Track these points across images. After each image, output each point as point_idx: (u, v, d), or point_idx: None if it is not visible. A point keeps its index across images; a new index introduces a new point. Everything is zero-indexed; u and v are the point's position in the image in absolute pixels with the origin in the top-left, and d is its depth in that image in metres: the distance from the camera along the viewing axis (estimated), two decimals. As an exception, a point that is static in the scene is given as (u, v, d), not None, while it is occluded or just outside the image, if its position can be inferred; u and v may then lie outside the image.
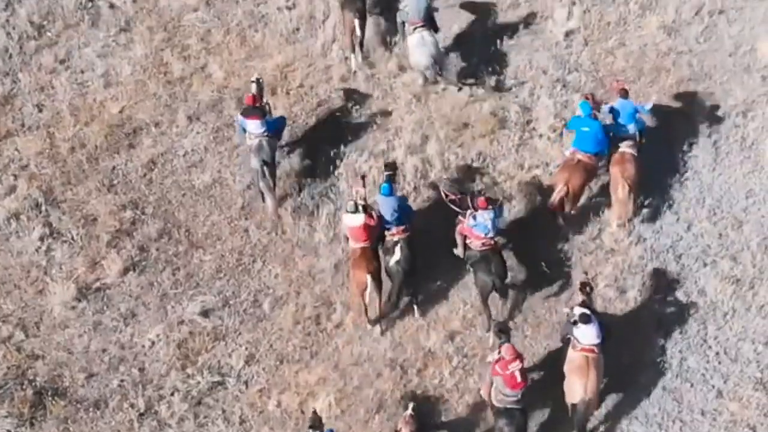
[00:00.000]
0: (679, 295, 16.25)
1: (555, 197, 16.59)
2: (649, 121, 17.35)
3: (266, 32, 19.31)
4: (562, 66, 18.76)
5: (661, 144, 17.65)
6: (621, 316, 16.03)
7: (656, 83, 18.37)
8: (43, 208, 16.98)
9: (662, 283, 16.34)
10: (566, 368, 14.96)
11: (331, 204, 17.25)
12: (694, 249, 16.68)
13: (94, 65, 18.68)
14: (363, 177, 16.47)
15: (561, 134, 17.71)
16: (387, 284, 16.05)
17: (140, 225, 16.96)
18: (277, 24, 19.36)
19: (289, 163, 17.62)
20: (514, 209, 17.11)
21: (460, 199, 16.30)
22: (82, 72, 18.60)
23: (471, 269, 15.99)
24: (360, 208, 15.83)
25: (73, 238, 16.72)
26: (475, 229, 15.77)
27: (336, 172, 17.60)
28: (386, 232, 16.05)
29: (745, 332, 15.83)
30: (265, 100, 17.37)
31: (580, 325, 14.70)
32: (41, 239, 16.68)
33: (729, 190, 17.23)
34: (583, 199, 16.95)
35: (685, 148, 17.67)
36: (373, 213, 15.93)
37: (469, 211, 15.91)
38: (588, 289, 15.16)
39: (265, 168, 16.86)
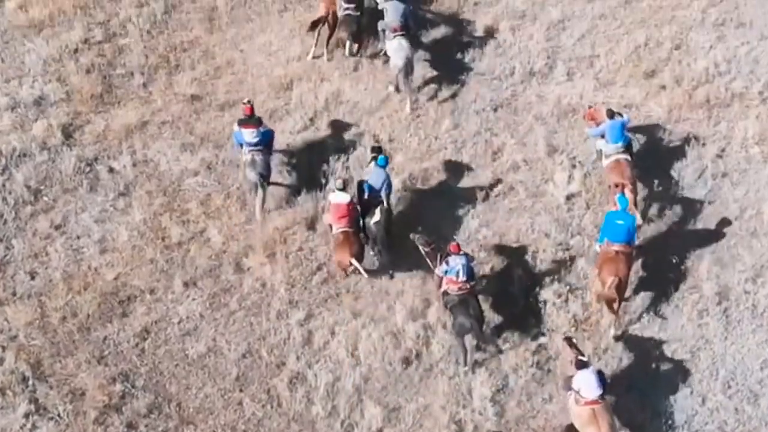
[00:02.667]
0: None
1: (609, 290, 16.00)
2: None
3: (267, 196, 18.39)
4: (565, 230, 17.72)
5: (671, 311, 16.52)
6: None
7: (662, 247, 17.33)
8: (30, 382, 15.61)
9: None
10: (577, 424, 14.88)
11: (330, 374, 15.99)
12: (710, 425, 15.28)
13: (91, 231, 17.60)
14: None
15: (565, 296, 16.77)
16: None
17: (130, 399, 15.53)
18: (277, 187, 18.42)
19: (287, 329, 16.50)
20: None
21: (432, 248, 16.64)
22: (78, 238, 17.50)
23: (450, 312, 16.17)
24: (347, 186, 17.20)
25: (59, 415, 15.27)
26: (448, 274, 16.00)
27: (336, 339, 16.42)
28: (371, 196, 17.18)
29: None
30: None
31: (578, 373, 14.64)
32: (26, 416, 15.23)
33: (743, 361, 15.93)
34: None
35: (694, 316, 16.47)
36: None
37: (442, 258, 16.30)
38: (574, 341, 15.40)
39: (261, 179, 17.53)
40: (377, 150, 17.98)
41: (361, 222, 17.23)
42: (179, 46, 20.74)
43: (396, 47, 19.22)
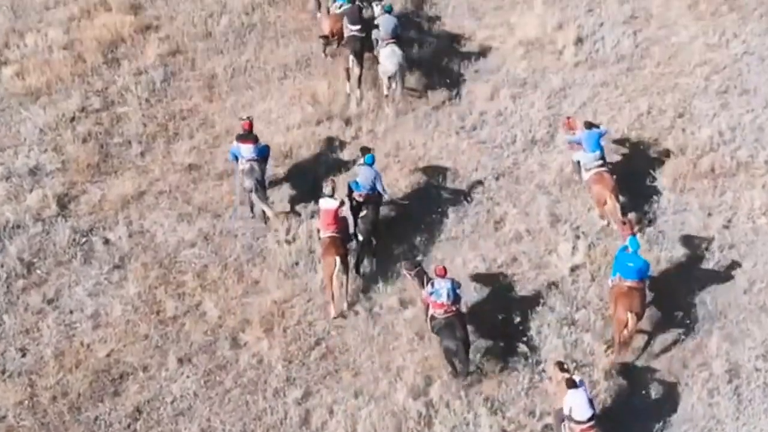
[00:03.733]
0: None
1: (630, 331, 15.80)
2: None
3: (264, 267, 17.71)
4: (569, 303, 17.05)
5: (681, 390, 15.78)
6: None
7: (670, 323, 16.64)
8: (17, 467, 14.95)
9: None
10: None
11: (329, 456, 15.24)
12: None
13: (84, 305, 16.91)
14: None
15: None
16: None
17: (118, 487, 14.84)
18: (276, 258, 17.81)
19: (284, 409, 15.76)
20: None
21: (417, 272, 16.60)
22: (71, 312, 16.81)
23: (437, 335, 16.13)
24: (336, 193, 17.36)
25: (46, 500, 14.60)
26: (434, 296, 15.97)
27: (334, 419, 15.67)
28: (358, 195, 17.56)
29: None
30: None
31: (569, 393, 14.39)
32: (12, 506, 14.57)
33: (756, 443, 15.19)
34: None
35: (704, 395, 15.72)
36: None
37: (427, 281, 16.33)
38: (565, 365, 15.21)
39: (257, 186, 17.94)
40: (365, 150, 18.36)
41: (351, 223, 17.66)
42: (178, 115, 20.32)
43: (389, 53, 20.06)
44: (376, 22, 20.58)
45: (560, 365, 15.23)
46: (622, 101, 20.36)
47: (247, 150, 18.07)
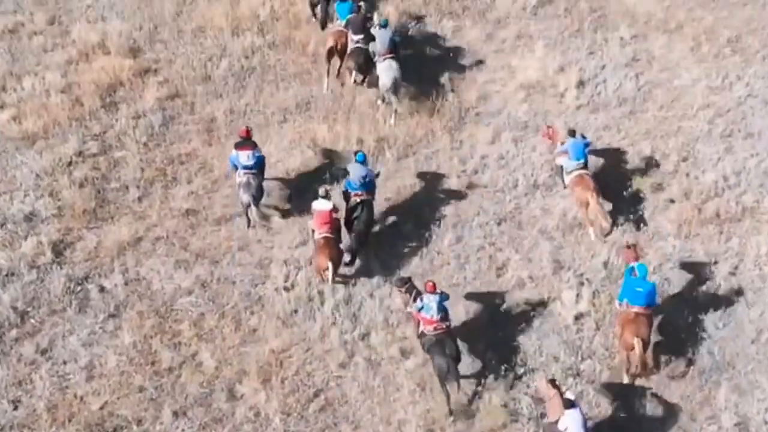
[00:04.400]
0: None
1: (638, 359, 15.73)
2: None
3: (263, 315, 17.23)
4: (574, 353, 16.54)
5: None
6: None
7: (676, 374, 16.13)
8: None
9: None
10: None
11: None
12: None
13: (78, 356, 16.39)
14: None
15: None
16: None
17: None
18: (274, 306, 17.34)
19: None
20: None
21: (408, 288, 16.61)
22: (65, 363, 16.29)
23: (427, 353, 16.09)
24: (329, 195, 17.76)
25: None
26: (423, 311, 16.00)
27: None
28: (353, 194, 18.03)
29: None
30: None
31: (566, 413, 14.40)
32: None
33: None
34: None
35: (715, 454, 15.21)
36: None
37: (417, 296, 16.34)
38: (557, 383, 15.16)
39: (254, 201, 18.15)
40: (357, 151, 18.76)
41: (344, 221, 18.04)
42: (176, 159, 19.91)
43: (386, 67, 20.45)
44: (373, 33, 20.91)
45: (552, 382, 15.12)
46: (625, 145, 19.97)
47: (245, 157, 18.27)
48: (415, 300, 16.31)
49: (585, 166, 18.49)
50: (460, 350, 16.00)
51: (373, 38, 20.82)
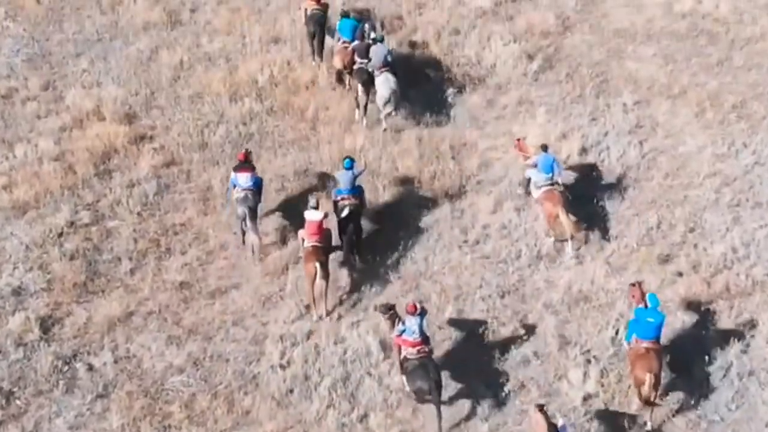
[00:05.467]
0: None
1: (648, 392, 15.53)
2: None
3: (257, 395, 16.35)
4: (583, 437, 15.73)
5: None
6: None
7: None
8: None
9: None
10: None
11: None
12: None
13: (64, 441, 15.63)
14: None
15: None
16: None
17: None
18: (269, 385, 16.47)
19: None
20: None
21: (391, 315, 16.51)
22: (50, 448, 15.53)
23: (409, 376, 15.97)
24: (320, 206, 18.09)
25: None
26: (405, 334, 15.95)
27: None
28: (341, 198, 18.42)
29: None
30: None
31: None
32: None
33: None
34: None
35: None
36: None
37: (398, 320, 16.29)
38: (545, 408, 14.86)
39: (249, 213, 18.35)
40: (345, 157, 19.09)
41: (338, 229, 18.46)
42: (171, 229, 19.15)
43: (383, 81, 21.00)
44: (370, 54, 21.40)
45: (539, 407, 14.87)
46: (630, 214, 19.24)
47: (244, 179, 18.61)
48: (398, 324, 16.25)
49: (553, 181, 18.77)
50: (441, 376, 15.93)
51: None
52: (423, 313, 16.19)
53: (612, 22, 23.92)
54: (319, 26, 22.43)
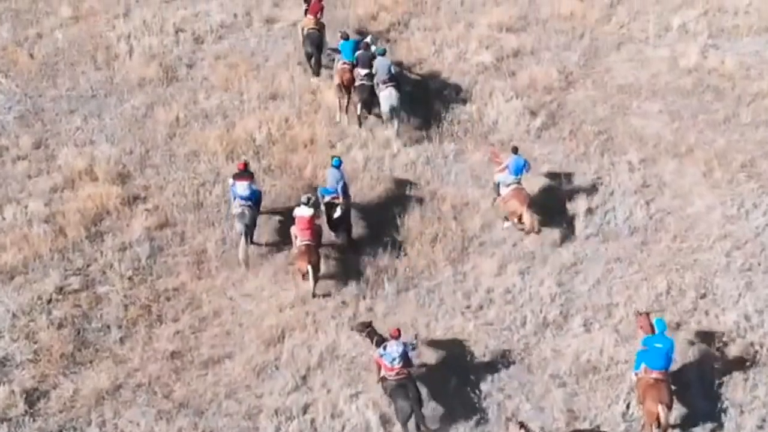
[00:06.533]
0: None
1: (665, 423, 15.25)
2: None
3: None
4: None
5: None
6: None
7: None
8: None
9: None
10: None
11: None
12: None
13: None
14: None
15: None
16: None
17: None
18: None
19: None
20: None
21: (369, 333, 16.60)
22: None
23: (389, 397, 16.03)
24: (312, 203, 18.50)
25: None
26: (384, 358, 15.92)
27: None
28: (331, 198, 18.92)
29: None
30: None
31: None
32: None
33: None
34: None
35: None
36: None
37: (380, 342, 16.33)
38: (525, 425, 14.98)
39: (246, 230, 18.65)
40: (334, 156, 19.58)
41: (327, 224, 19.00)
42: (163, 295, 18.29)
43: (386, 96, 21.42)
44: (374, 68, 21.71)
45: (520, 424, 14.98)
46: (639, 279, 18.37)
47: (242, 188, 18.83)
48: (378, 345, 16.27)
49: (520, 180, 19.34)
50: (421, 394, 15.92)
51: (373, 78, 21.74)
52: (407, 344, 16.18)
53: (616, 77, 23.24)
54: (315, 46, 22.93)
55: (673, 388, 15.65)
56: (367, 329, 16.63)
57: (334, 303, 18.15)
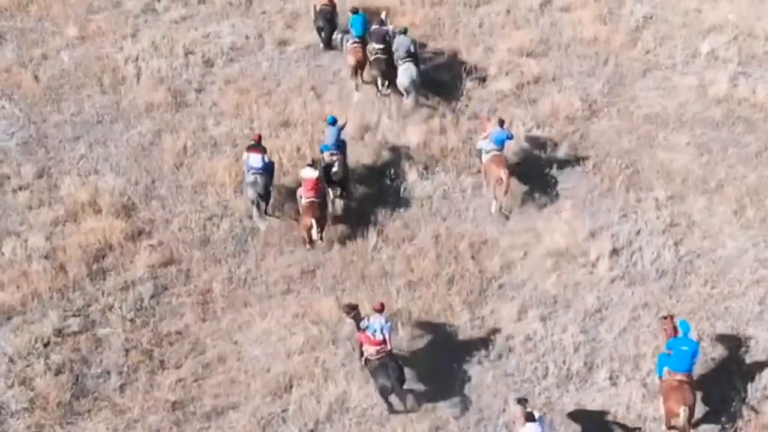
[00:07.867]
0: None
1: (684, 426, 15.14)
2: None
3: None
4: None
5: None
6: None
7: None
8: None
9: None
10: None
11: None
12: None
13: None
14: None
15: None
16: None
17: None
18: None
19: None
20: None
21: (354, 315, 16.61)
22: None
23: (372, 376, 16.23)
24: (316, 165, 19.19)
25: None
26: (368, 331, 16.18)
27: None
28: (329, 154, 19.44)
29: None
30: None
31: (527, 425, 14.47)
32: None
33: None
34: None
35: None
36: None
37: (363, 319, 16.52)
38: (525, 400, 15.22)
39: (259, 198, 19.09)
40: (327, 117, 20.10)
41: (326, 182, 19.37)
42: (165, 338, 17.25)
43: (405, 69, 21.83)
44: (394, 46, 22.28)
45: (519, 400, 15.14)
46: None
47: (255, 160, 19.11)
48: (362, 323, 16.43)
49: (500, 149, 19.71)
50: (403, 371, 16.07)
51: (391, 47, 22.24)
52: (387, 319, 16.32)
53: (641, 106, 22.01)
54: (326, 20, 23.47)
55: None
56: (354, 311, 16.67)
57: (345, 349, 17.07)
